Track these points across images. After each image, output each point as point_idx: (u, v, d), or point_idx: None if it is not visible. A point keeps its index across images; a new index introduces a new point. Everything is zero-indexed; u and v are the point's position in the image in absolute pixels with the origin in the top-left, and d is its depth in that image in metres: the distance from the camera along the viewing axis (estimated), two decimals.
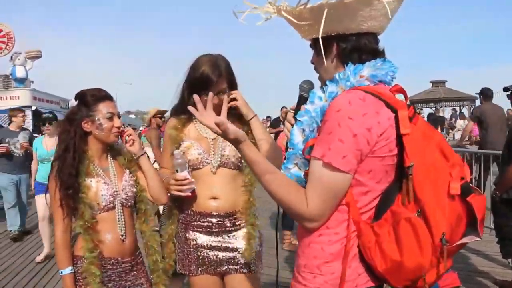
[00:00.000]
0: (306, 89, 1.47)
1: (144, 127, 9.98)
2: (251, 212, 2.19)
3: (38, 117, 9.05)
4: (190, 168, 2.14)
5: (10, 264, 5.11)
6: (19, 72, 18.00)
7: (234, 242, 2.19)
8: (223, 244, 2.18)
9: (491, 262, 4.50)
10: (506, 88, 4.06)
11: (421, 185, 1.18)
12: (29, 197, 6.36)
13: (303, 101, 1.45)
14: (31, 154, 5.52)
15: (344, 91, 1.29)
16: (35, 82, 19.47)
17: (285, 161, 1.41)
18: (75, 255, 1.98)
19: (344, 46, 1.32)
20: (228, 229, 2.18)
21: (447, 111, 23.84)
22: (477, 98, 7.98)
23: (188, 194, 2.11)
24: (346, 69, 1.32)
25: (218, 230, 2.17)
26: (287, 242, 5.18)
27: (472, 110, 7.93)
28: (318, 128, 1.31)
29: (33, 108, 16.46)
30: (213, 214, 2.16)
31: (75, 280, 1.95)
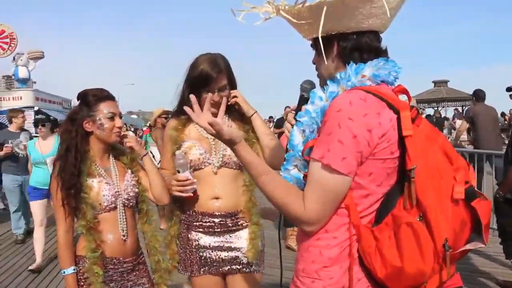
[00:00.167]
0: (307, 89, 1.46)
1: (147, 127, 10.05)
2: (254, 211, 2.19)
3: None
4: (192, 169, 2.14)
5: (13, 265, 5.10)
6: (22, 73, 18.06)
7: (237, 242, 2.19)
8: (226, 244, 2.18)
9: (493, 263, 4.47)
10: (509, 88, 4.06)
11: (424, 189, 1.14)
12: None
13: (304, 101, 1.43)
14: None
15: (345, 91, 1.26)
16: (38, 83, 19.56)
17: (285, 163, 1.39)
18: (77, 255, 1.98)
19: (345, 45, 1.29)
20: (231, 229, 2.18)
21: (450, 111, 23.81)
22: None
23: (190, 195, 2.11)
24: (348, 69, 1.29)
25: (220, 230, 2.17)
26: (293, 238, 5.00)
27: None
28: (319, 129, 1.28)
29: (36, 109, 16.50)
30: (215, 214, 2.16)
31: (77, 280, 1.95)
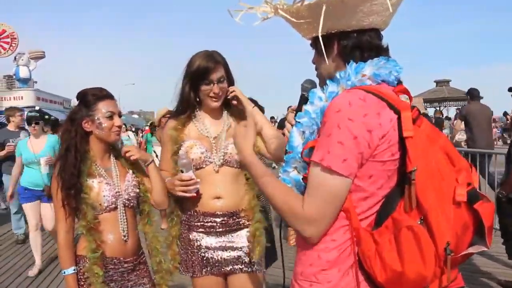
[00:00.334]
0: (308, 89, 1.44)
1: (148, 127, 10.09)
2: (257, 210, 2.19)
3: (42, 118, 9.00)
4: (193, 168, 2.13)
5: (13, 265, 5.11)
6: (23, 73, 18.10)
7: (238, 242, 2.19)
8: (228, 244, 2.18)
9: (495, 263, 4.46)
10: (511, 89, 4.04)
11: (424, 191, 1.11)
12: None
13: (305, 101, 1.41)
14: None
15: (344, 91, 1.24)
16: (39, 83, 19.60)
17: (284, 165, 1.37)
18: (78, 255, 1.98)
19: (345, 44, 1.27)
20: (232, 229, 2.18)
21: (452, 111, 23.77)
22: (482, 98, 8.01)
23: (193, 195, 2.11)
24: (347, 68, 1.27)
25: (222, 230, 2.16)
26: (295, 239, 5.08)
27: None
28: (318, 130, 1.26)
29: (37, 109, 16.53)
30: (217, 214, 2.15)
31: (78, 280, 1.95)
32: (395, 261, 1.11)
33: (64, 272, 1.95)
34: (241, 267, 2.18)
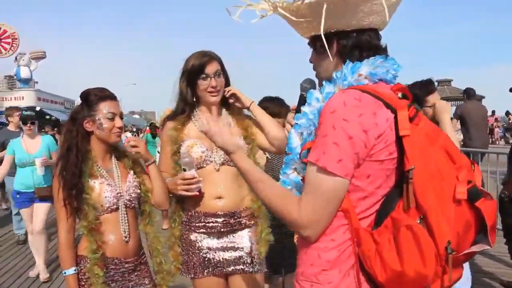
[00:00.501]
0: (307, 89, 1.44)
1: (148, 127, 10.10)
2: (263, 208, 2.19)
3: (43, 118, 9.02)
4: (196, 167, 2.13)
5: (14, 265, 5.12)
6: (24, 73, 18.15)
7: (240, 242, 2.19)
8: (229, 244, 2.18)
9: (497, 263, 4.46)
10: None
11: (423, 190, 1.10)
12: None
13: (304, 101, 1.41)
14: None
15: (340, 91, 1.24)
16: (39, 83, 19.65)
17: (283, 167, 1.37)
18: (79, 255, 1.97)
19: (345, 43, 1.26)
20: (233, 229, 2.18)
21: (454, 110, 23.77)
22: (483, 97, 8.03)
23: (196, 193, 2.10)
24: (343, 68, 1.26)
25: (224, 230, 2.16)
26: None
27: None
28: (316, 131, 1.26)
29: (38, 109, 16.57)
30: (219, 214, 2.15)
31: (78, 280, 1.94)
32: (395, 261, 1.10)
33: (65, 273, 1.95)
34: (243, 268, 2.18)
